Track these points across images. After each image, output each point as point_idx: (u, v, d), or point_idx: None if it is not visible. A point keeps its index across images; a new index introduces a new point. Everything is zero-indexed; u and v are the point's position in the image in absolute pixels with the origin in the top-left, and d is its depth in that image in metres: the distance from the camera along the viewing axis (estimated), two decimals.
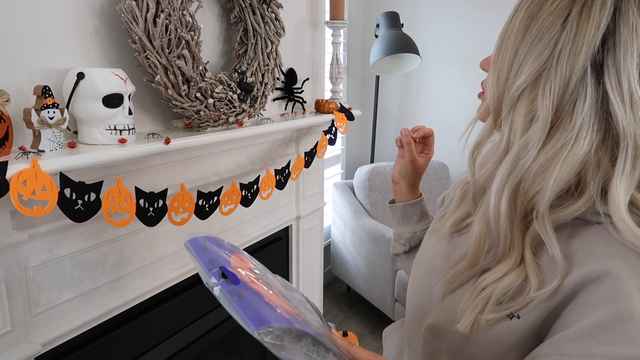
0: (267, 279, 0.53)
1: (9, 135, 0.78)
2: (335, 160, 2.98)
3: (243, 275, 0.48)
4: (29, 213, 0.76)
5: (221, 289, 0.44)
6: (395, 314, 2.35)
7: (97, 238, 1.02)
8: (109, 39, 1.01)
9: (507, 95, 0.56)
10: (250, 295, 0.45)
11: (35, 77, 0.88)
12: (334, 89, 1.70)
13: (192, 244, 0.51)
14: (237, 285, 0.46)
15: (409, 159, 0.87)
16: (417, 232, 0.90)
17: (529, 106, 0.54)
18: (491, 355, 0.58)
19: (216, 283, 0.45)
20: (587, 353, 0.48)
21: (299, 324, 0.46)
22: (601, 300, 0.49)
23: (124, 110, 0.94)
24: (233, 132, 1.17)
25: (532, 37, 0.54)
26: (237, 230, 1.46)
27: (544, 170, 0.52)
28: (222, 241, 0.56)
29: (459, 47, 2.65)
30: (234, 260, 0.52)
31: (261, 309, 0.44)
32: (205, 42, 1.23)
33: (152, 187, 1.01)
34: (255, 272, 0.53)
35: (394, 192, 0.94)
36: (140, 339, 1.17)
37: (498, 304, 0.56)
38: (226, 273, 0.47)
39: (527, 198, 0.54)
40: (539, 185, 0.53)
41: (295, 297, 0.56)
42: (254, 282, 0.49)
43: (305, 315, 0.50)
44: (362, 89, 3.08)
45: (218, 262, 0.48)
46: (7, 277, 0.85)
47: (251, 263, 0.55)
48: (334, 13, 1.60)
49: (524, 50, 0.54)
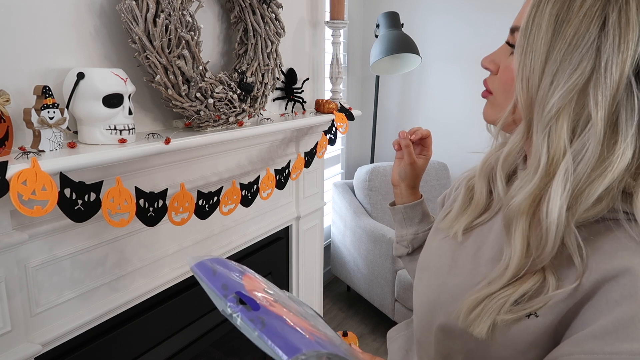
0: (281, 298, 0.51)
1: (9, 135, 0.78)
2: (335, 160, 2.98)
3: (261, 299, 0.45)
4: (29, 213, 0.76)
5: (242, 317, 0.41)
6: (395, 314, 2.35)
7: (97, 238, 1.02)
8: (109, 39, 1.01)
9: (541, 104, 0.53)
10: (273, 321, 0.42)
11: (35, 77, 0.88)
12: (334, 89, 1.70)
13: (200, 269, 0.48)
14: (258, 311, 0.43)
15: (408, 161, 0.87)
16: (420, 233, 0.90)
17: (573, 118, 0.52)
18: (509, 354, 0.57)
19: (235, 311, 0.42)
20: (612, 351, 0.48)
21: (329, 346, 0.43)
22: (622, 297, 0.49)
23: (124, 110, 0.94)
24: (233, 132, 1.17)
25: (565, 43, 0.51)
26: (237, 230, 1.46)
27: (594, 180, 0.51)
28: (228, 262, 0.53)
29: (459, 47, 2.65)
30: (247, 282, 0.49)
31: (288, 335, 0.41)
32: (205, 42, 1.23)
33: (152, 187, 1.01)
34: (270, 293, 0.50)
35: (394, 195, 0.94)
36: (140, 339, 1.17)
37: (515, 304, 0.56)
38: (243, 299, 0.44)
39: (580, 211, 0.53)
40: (591, 196, 0.52)
41: (308, 313, 0.54)
42: (273, 305, 0.46)
43: (326, 333, 0.48)
44: (362, 89, 3.08)
45: (232, 286, 0.45)
46: (7, 277, 0.85)
47: (262, 283, 0.53)
48: (334, 13, 1.60)
49: (558, 57, 0.52)
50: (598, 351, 0.49)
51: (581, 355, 0.50)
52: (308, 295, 1.89)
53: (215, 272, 0.48)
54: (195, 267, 0.48)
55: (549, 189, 0.53)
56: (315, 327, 0.48)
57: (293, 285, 1.80)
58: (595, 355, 0.49)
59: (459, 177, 0.80)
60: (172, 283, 1.22)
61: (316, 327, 0.48)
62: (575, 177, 0.51)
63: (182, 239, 1.25)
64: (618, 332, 0.48)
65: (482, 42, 2.51)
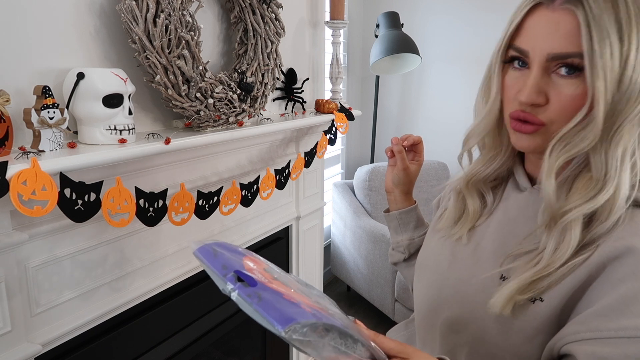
0: (283, 278, 0.52)
1: (9, 135, 0.78)
2: (335, 160, 2.98)
3: (259, 277, 0.47)
4: (29, 213, 0.76)
5: (239, 292, 0.43)
6: (395, 314, 2.35)
7: (97, 238, 1.02)
8: (109, 39, 1.01)
9: (626, 104, 0.54)
10: (270, 295, 0.43)
11: (35, 77, 0.88)
12: (334, 89, 1.70)
13: (201, 252, 0.49)
14: (255, 287, 0.44)
15: (401, 167, 0.88)
16: (415, 238, 0.90)
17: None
18: (515, 341, 0.59)
19: (233, 288, 0.43)
20: (617, 327, 0.50)
21: (325, 318, 0.45)
22: (625, 275, 0.51)
23: (124, 110, 0.94)
24: (233, 132, 1.17)
25: (634, 45, 0.52)
26: (237, 230, 1.46)
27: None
28: (231, 246, 0.55)
29: (459, 47, 2.65)
30: (248, 262, 0.50)
31: (284, 307, 0.42)
32: (205, 42, 1.23)
33: (152, 187, 1.00)
34: (270, 272, 0.51)
35: (388, 202, 0.94)
36: (140, 339, 1.17)
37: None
38: (242, 276, 0.45)
39: None
40: None
41: (313, 293, 0.55)
42: (271, 282, 0.47)
43: (327, 308, 0.49)
44: (362, 89, 3.08)
45: (232, 266, 0.47)
46: (7, 277, 0.85)
47: (265, 264, 0.54)
48: (334, 13, 1.60)
49: (635, 46, 0.52)
50: (603, 328, 0.51)
51: (587, 333, 0.52)
52: None
53: (216, 254, 0.49)
54: (198, 251, 0.49)
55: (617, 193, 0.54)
56: (318, 302, 0.49)
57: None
58: (600, 332, 0.51)
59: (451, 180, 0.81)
60: (172, 283, 1.22)
61: (318, 302, 0.49)
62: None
63: (182, 239, 1.25)
64: (622, 309, 0.50)
65: (482, 42, 2.51)
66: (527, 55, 0.58)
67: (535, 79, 0.57)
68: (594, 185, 0.55)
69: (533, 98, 0.57)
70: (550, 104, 0.57)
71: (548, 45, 0.56)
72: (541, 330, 0.57)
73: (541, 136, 0.59)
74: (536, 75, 0.57)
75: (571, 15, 0.54)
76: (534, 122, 0.59)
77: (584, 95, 0.55)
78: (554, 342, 0.56)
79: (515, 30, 0.60)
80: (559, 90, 0.56)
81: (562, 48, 0.55)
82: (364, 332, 0.52)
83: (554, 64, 0.56)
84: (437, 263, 0.73)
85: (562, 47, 0.55)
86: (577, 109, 0.55)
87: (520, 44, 0.59)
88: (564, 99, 0.56)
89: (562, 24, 0.55)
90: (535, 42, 0.57)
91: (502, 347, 0.60)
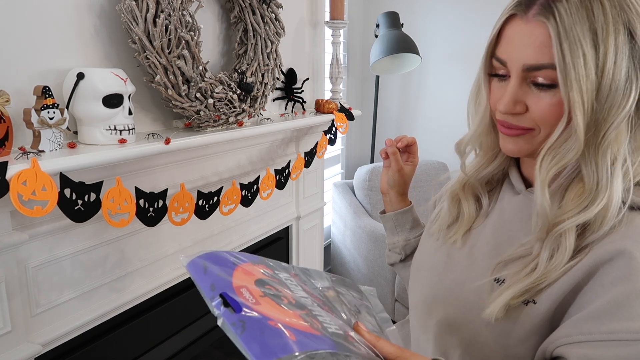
0: (278, 284, 0.51)
1: (9, 135, 0.78)
2: (335, 160, 2.98)
3: (247, 297, 0.45)
4: (29, 213, 0.76)
5: (224, 321, 0.42)
6: (395, 314, 2.35)
7: (97, 238, 1.02)
8: (109, 39, 1.01)
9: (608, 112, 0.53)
10: (254, 324, 0.42)
11: (35, 77, 0.88)
12: (334, 89, 1.70)
13: (191, 268, 0.48)
14: (239, 313, 0.43)
15: (396, 168, 0.88)
16: (411, 239, 0.91)
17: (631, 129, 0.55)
18: (509, 343, 0.59)
19: (220, 314, 0.42)
20: (608, 330, 0.50)
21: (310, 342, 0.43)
22: (617, 278, 0.51)
23: (124, 110, 0.94)
24: (233, 132, 1.17)
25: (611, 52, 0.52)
26: (237, 230, 1.46)
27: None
28: (222, 256, 0.52)
29: (459, 47, 2.65)
30: (238, 277, 0.48)
31: (267, 338, 0.41)
32: (205, 42, 1.23)
33: (152, 187, 1.01)
34: (265, 280, 0.50)
35: (384, 203, 0.95)
36: (140, 339, 1.17)
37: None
38: (228, 300, 0.44)
39: None
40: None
41: (317, 288, 0.54)
42: (259, 302, 0.46)
43: (324, 319, 0.48)
44: (362, 89, 3.08)
45: (220, 286, 0.46)
46: (7, 277, 0.85)
47: (261, 268, 0.53)
48: (334, 13, 1.60)
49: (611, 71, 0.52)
50: (594, 331, 0.51)
51: (579, 336, 0.52)
52: None
53: (206, 270, 0.48)
54: (187, 267, 0.48)
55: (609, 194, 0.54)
56: (311, 313, 0.48)
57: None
58: (591, 335, 0.51)
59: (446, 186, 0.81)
60: (172, 283, 1.22)
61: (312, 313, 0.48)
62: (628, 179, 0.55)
63: (182, 239, 1.25)
64: (613, 312, 0.50)
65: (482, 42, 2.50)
66: (505, 65, 0.59)
67: (512, 88, 0.58)
68: (587, 195, 0.55)
69: (510, 108, 0.58)
70: (530, 112, 0.58)
71: (523, 56, 0.56)
72: (534, 332, 0.57)
73: (525, 139, 0.60)
74: (513, 85, 0.58)
75: (543, 27, 0.54)
76: (518, 128, 0.60)
77: (560, 105, 0.55)
78: (546, 344, 0.56)
79: (495, 40, 0.61)
80: (537, 99, 0.57)
81: (536, 59, 0.55)
82: (364, 335, 0.51)
83: (530, 74, 0.57)
84: (433, 264, 0.73)
85: (536, 59, 0.55)
86: (558, 117, 0.56)
87: (500, 54, 0.60)
88: (542, 108, 0.56)
89: (535, 35, 0.55)
90: (512, 52, 0.58)
91: (495, 349, 0.60)
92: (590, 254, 0.54)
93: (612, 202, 0.54)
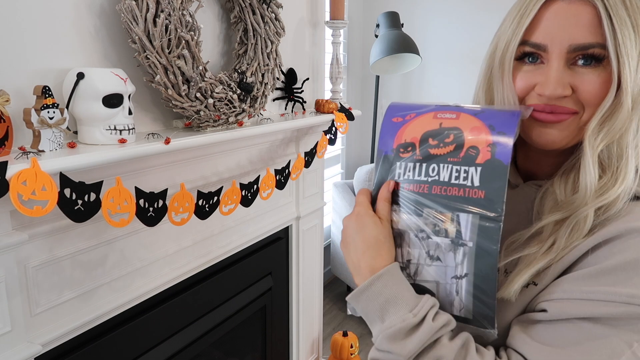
0: None
1: (9, 135, 0.78)
2: (335, 160, 2.98)
3: None
4: (29, 213, 0.76)
5: None
6: None
7: (97, 238, 1.02)
8: (109, 39, 1.01)
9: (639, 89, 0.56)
10: None
11: (35, 77, 0.88)
12: (334, 89, 1.70)
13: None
14: None
15: None
16: None
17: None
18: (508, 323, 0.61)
19: None
20: (589, 290, 0.53)
21: None
22: (610, 253, 0.54)
23: (124, 110, 0.94)
24: (233, 132, 1.17)
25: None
26: (237, 230, 1.46)
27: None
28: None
29: (459, 47, 2.65)
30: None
31: None
32: (205, 42, 1.23)
33: (152, 187, 1.00)
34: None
35: None
36: (140, 339, 1.17)
37: None
38: None
39: None
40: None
41: None
42: None
43: None
44: (362, 89, 3.08)
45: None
46: (7, 277, 0.85)
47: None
48: (334, 13, 1.59)
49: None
50: (576, 289, 0.54)
51: (560, 293, 0.55)
52: (308, 295, 1.89)
53: None
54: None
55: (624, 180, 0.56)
56: None
57: (293, 285, 1.79)
58: (572, 292, 0.54)
59: None
60: (172, 283, 1.22)
61: None
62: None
63: (182, 239, 1.25)
64: (598, 277, 0.53)
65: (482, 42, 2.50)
66: (544, 50, 0.59)
67: (557, 71, 0.58)
68: (610, 176, 0.57)
69: (559, 91, 0.57)
70: (579, 93, 0.58)
71: (569, 37, 0.57)
72: (530, 310, 0.60)
73: (569, 125, 0.59)
74: (558, 68, 0.58)
75: (590, 7, 0.56)
76: (565, 112, 0.59)
77: (607, 83, 0.56)
78: (531, 305, 0.59)
79: (528, 27, 0.60)
80: (583, 79, 0.57)
81: (584, 39, 0.56)
82: None
83: (573, 56, 0.57)
84: None
85: (584, 38, 0.56)
86: (604, 96, 0.57)
87: (536, 38, 0.59)
88: (590, 86, 0.57)
89: (582, 15, 0.56)
90: (554, 34, 0.58)
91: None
92: (592, 236, 0.55)
93: (628, 182, 0.56)
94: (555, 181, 0.62)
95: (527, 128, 0.62)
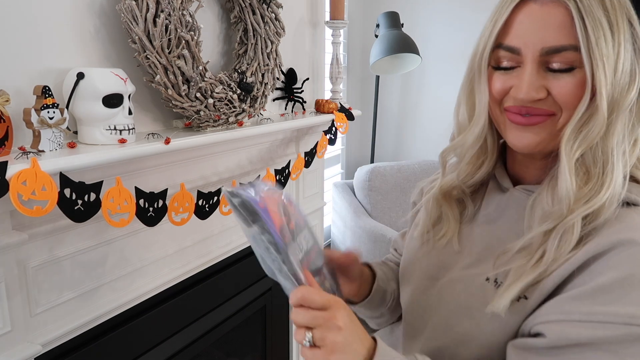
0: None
1: (8, 135, 0.78)
2: (335, 160, 2.98)
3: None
4: (29, 213, 0.76)
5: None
6: None
7: (97, 238, 1.02)
8: (109, 39, 1.01)
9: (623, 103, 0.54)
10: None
11: (35, 77, 0.88)
12: (334, 89, 1.70)
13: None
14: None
15: None
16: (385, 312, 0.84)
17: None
18: (499, 340, 0.59)
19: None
20: (588, 311, 0.51)
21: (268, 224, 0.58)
22: (605, 268, 0.52)
23: (124, 110, 0.94)
24: (233, 132, 1.17)
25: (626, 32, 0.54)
26: (237, 230, 1.46)
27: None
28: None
29: (459, 47, 2.65)
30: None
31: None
32: (205, 42, 1.23)
33: (152, 187, 1.00)
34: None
35: None
36: (140, 339, 1.17)
37: None
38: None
39: None
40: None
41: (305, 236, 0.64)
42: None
43: (294, 239, 0.60)
44: (362, 89, 3.08)
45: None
46: (7, 277, 0.85)
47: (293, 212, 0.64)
48: (334, 13, 1.59)
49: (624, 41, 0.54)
50: (575, 311, 0.52)
51: (559, 315, 0.53)
52: None
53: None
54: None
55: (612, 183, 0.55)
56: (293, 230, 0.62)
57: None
58: (571, 314, 0.52)
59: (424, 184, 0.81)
60: (172, 283, 1.22)
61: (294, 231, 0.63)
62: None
63: (182, 239, 1.25)
64: (596, 296, 0.51)
65: None
66: (518, 53, 0.57)
67: (531, 75, 0.56)
68: (595, 181, 0.55)
69: (532, 95, 0.56)
70: (554, 95, 0.57)
71: (541, 39, 0.55)
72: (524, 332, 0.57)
73: (546, 127, 0.58)
74: (531, 72, 0.56)
75: (562, 8, 0.54)
76: (541, 114, 0.58)
77: (582, 86, 0.55)
78: (526, 323, 0.56)
79: (501, 29, 0.59)
80: (557, 82, 0.56)
81: (556, 41, 0.55)
82: (305, 272, 0.59)
83: (547, 59, 0.56)
84: (422, 269, 0.73)
85: (556, 40, 0.54)
86: (580, 98, 0.55)
87: (510, 42, 0.58)
88: (564, 89, 0.56)
89: (554, 16, 0.54)
90: (527, 37, 0.56)
91: (487, 346, 0.60)
92: (584, 248, 0.53)
93: (616, 188, 0.54)
94: (543, 189, 0.60)
95: (505, 132, 0.62)
